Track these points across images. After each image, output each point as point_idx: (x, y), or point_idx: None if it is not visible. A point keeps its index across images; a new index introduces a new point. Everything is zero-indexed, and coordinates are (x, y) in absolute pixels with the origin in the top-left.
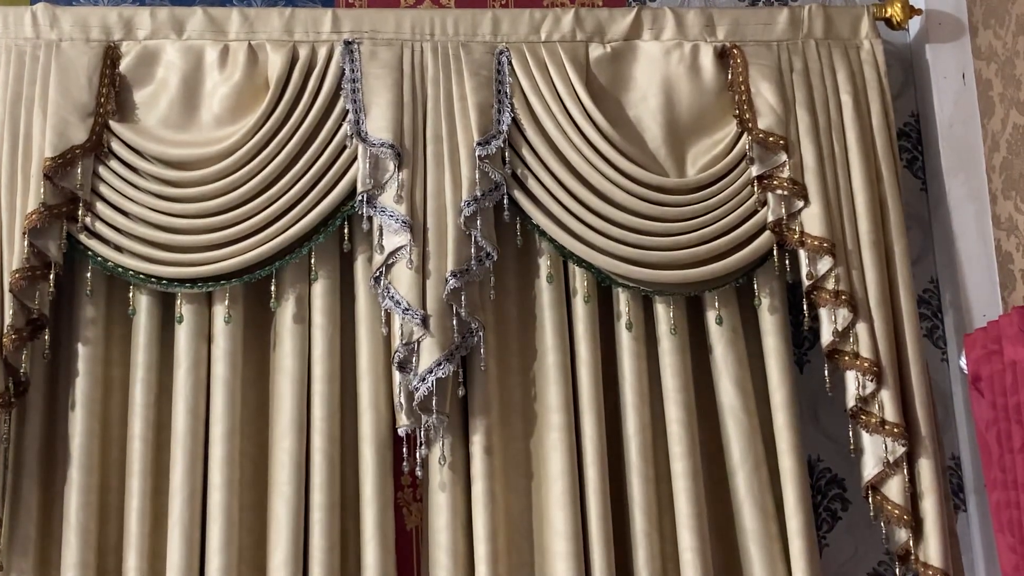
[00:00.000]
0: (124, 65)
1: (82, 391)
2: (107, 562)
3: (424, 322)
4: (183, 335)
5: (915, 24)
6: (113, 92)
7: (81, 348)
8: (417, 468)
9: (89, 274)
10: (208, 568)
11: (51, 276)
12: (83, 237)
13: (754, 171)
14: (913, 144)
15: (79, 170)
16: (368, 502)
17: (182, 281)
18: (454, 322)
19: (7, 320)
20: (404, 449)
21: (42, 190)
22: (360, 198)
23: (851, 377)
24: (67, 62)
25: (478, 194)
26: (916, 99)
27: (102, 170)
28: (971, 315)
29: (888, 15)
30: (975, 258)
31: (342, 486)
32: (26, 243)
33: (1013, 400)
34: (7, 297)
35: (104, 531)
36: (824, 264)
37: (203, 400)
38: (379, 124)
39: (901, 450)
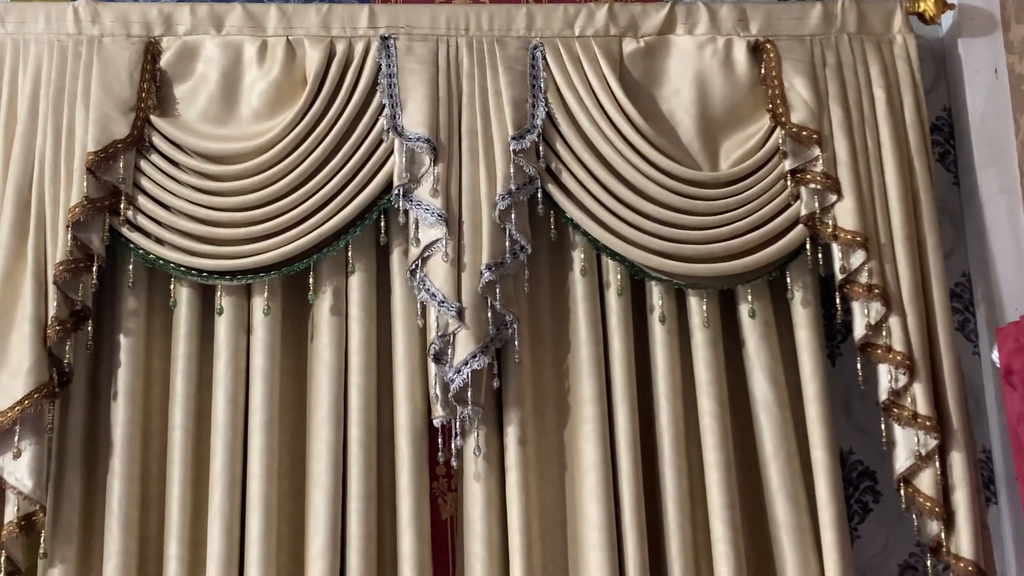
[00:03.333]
0: (164, 60)
1: (124, 381)
2: (148, 549)
3: (459, 314)
4: (223, 326)
5: (947, 19)
6: (154, 87)
7: (123, 339)
8: (452, 459)
9: (131, 266)
10: (248, 556)
11: (94, 268)
12: (125, 230)
13: (787, 165)
14: (945, 138)
15: (121, 164)
16: (404, 492)
17: (222, 273)
18: (489, 315)
19: (51, 312)
20: (440, 440)
21: (85, 184)
22: (396, 192)
23: (884, 371)
24: (109, 57)
25: (513, 188)
26: (948, 93)
27: (143, 164)
28: (1003, 309)
29: (921, 10)
30: (1007, 252)
31: (379, 476)
32: (69, 236)
33: None
34: (51, 289)
35: (145, 519)
36: (857, 258)
37: (243, 390)
38: (415, 119)
39: (933, 443)
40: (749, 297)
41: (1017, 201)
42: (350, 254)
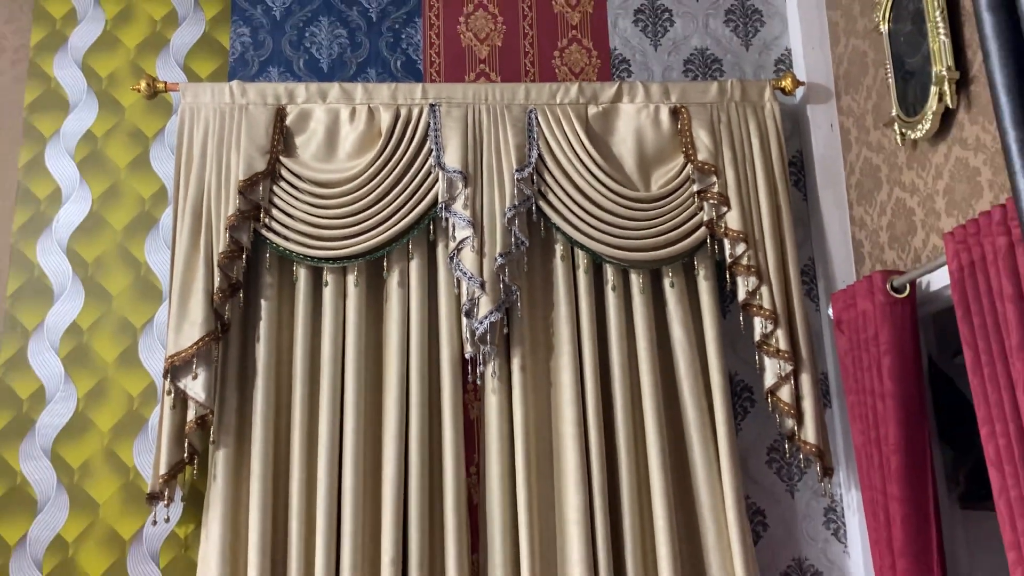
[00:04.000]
0: (289, 120)
1: (264, 329)
2: (280, 438)
3: (482, 286)
4: (328, 293)
5: (800, 92)
6: (281, 138)
7: (263, 302)
8: (477, 379)
9: (267, 255)
10: (345, 440)
11: (243, 256)
12: (263, 231)
13: (695, 187)
14: (798, 170)
15: (260, 188)
16: (447, 400)
17: (327, 259)
18: (501, 286)
19: (216, 284)
20: (469, 367)
21: (237, 201)
22: (440, 206)
23: (757, 322)
24: (252, 118)
25: (516, 203)
26: (800, 140)
27: (275, 188)
28: (835, 281)
29: (783, 86)
30: (837, 244)
31: (429, 390)
32: (227, 235)
33: (863, 335)
34: (216, 270)
35: (278, 419)
36: (740, 248)
37: (341, 335)
38: (453, 158)
39: (789, 368)
40: (670, 274)
41: (844, 211)
42: (410, 247)
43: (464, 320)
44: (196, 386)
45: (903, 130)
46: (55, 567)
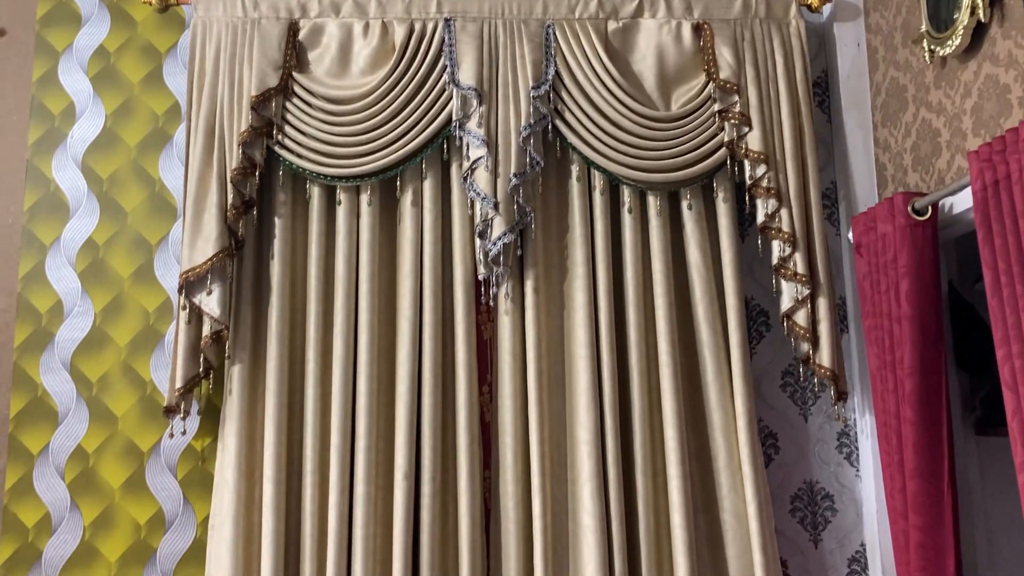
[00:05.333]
0: (301, 35)
1: (278, 247)
2: (295, 355)
3: (496, 207)
4: (341, 212)
5: (827, 9)
6: (294, 53)
7: (277, 220)
8: (491, 301)
9: (280, 172)
10: (359, 357)
11: (256, 173)
12: (276, 148)
13: (716, 107)
14: (823, 91)
15: (273, 104)
16: (460, 321)
17: (340, 177)
18: (515, 207)
19: (230, 200)
20: (482, 289)
21: (250, 117)
22: (454, 124)
23: (775, 245)
24: (264, 33)
25: (532, 122)
26: (826, 60)
27: (287, 104)
28: (857, 204)
29: (809, 2)
30: (861, 166)
31: (442, 311)
32: (240, 151)
33: (882, 259)
34: (229, 186)
35: (293, 336)
36: (760, 170)
37: (355, 254)
38: (467, 74)
39: (806, 292)
40: (688, 196)
41: (869, 133)
42: (424, 166)
43: (478, 242)
44: (211, 302)
45: (932, 47)
46: (77, 476)
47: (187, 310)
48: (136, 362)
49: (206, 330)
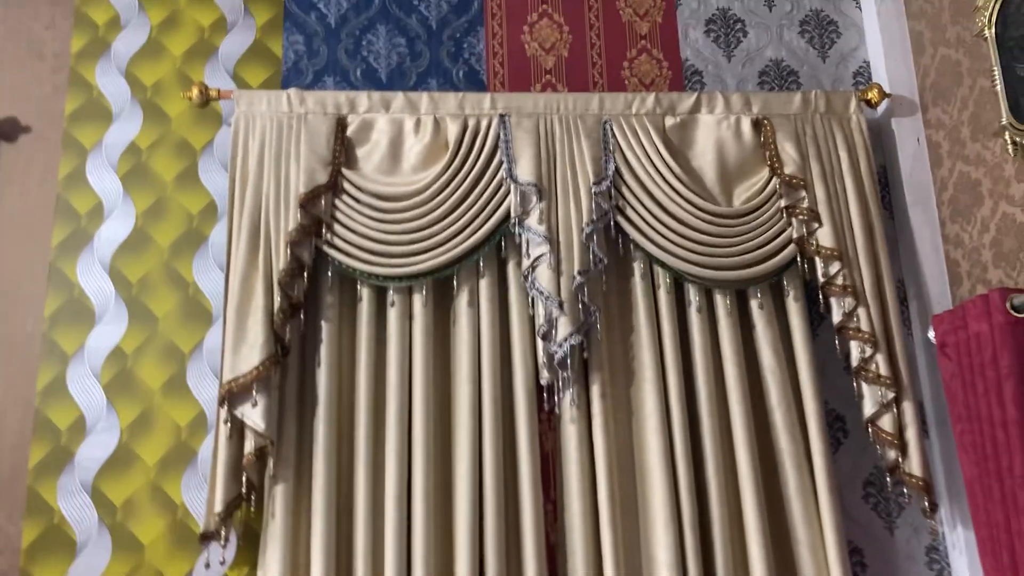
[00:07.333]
0: (350, 131)
1: (325, 353)
2: (342, 472)
3: (560, 306)
4: (393, 315)
5: (883, 105)
6: (343, 149)
7: (324, 324)
8: (556, 408)
9: (329, 273)
10: (414, 474)
11: (305, 274)
12: (325, 247)
13: (782, 203)
14: (883, 186)
15: (322, 202)
16: (522, 431)
17: (392, 277)
18: (580, 306)
19: (276, 304)
20: (544, 395)
21: (298, 215)
22: (513, 221)
23: (854, 345)
24: (312, 128)
25: (594, 218)
26: (884, 155)
27: (337, 202)
28: (929, 303)
29: (868, 97)
30: (931, 264)
31: (503, 419)
32: (288, 252)
33: (977, 360)
34: (276, 289)
35: (340, 450)
36: (834, 267)
37: (407, 360)
38: (525, 170)
39: (891, 395)
40: (758, 295)
41: (936, 230)
42: (481, 264)
43: (540, 344)
44: (255, 414)
45: (1015, 138)
46: None
47: (228, 424)
48: (166, 483)
49: (248, 446)
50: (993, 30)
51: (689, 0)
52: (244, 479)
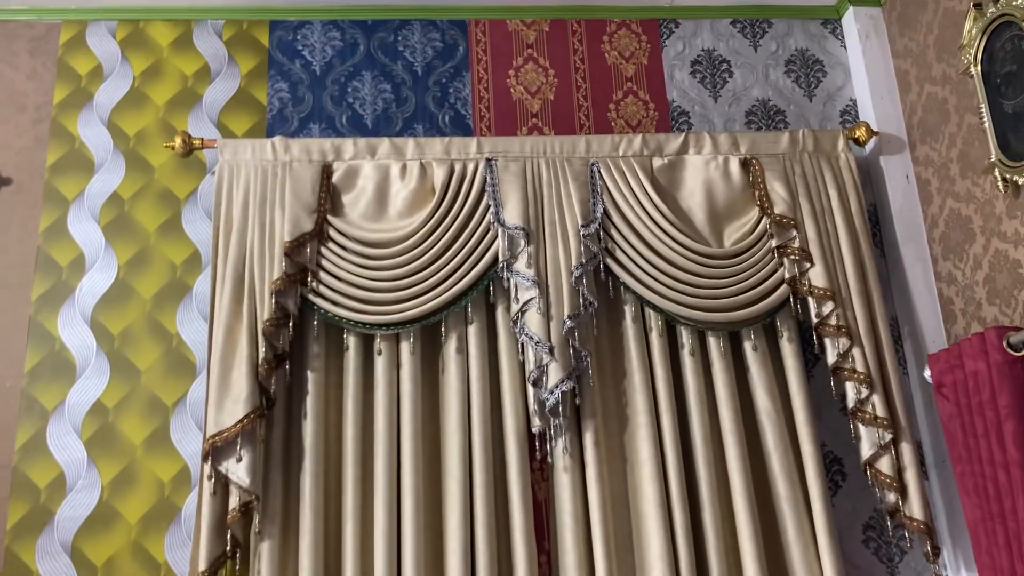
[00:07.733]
0: (335, 177)
1: (311, 405)
2: (330, 527)
3: (551, 352)
4: (380, 363)
5: (872, 142)
6: (328, 196)
7: (310, 374)
8: (548, 456)
9: (315, 322)
10: (404, 528)
11: (290, 324)
12: (311, 296)
13: (773, 243)
14: (873, 224)
15: (308, 249)
16: (514, 480)
17: (379, 325)
18: (570, 351)
19: (261, 355)
20: (536, 443)
21: (283, 263)
22: (501, 266)
23: (850, 386)
24: (297, 176)
25: (583, 261)
26: (873, 193)
27: (323, 249)
28: (923, 342)
29: (856, 136)
30: (923, 302)
31: (494, 469)
32: (273, 301)
33: (975, 399)
34: (260, 339)
35: (328, 505)
36: (827, 307)
37: (395, 409)
38: (513, 214)
39: (889, 437)
40: (752, 336)
41: (928, 268)
42: (469, 310)
43: (531, 390)
44: (240, 469)
45: (1005, 175)
46: None
47: (212, 480)
48: (149, 541)
49: (233, 502)
50: (979, 67)
51: (674, 42)
52: (229, 536)
